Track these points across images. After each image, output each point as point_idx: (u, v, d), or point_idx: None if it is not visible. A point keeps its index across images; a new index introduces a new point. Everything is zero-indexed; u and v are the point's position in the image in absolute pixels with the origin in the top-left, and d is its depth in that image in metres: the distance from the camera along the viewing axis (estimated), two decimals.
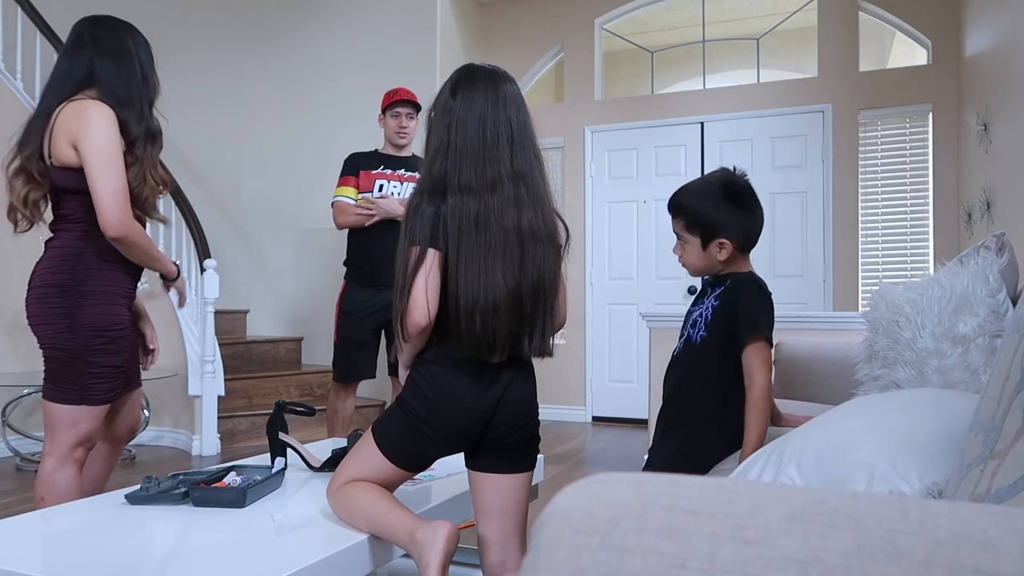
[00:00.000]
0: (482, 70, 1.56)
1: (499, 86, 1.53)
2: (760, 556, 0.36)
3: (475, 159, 1.46)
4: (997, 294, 1.60)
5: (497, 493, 1.54)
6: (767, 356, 1.63)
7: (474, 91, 1.51)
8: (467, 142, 1.47)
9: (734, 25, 5.72)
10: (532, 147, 1.53)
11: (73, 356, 1.89)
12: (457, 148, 1.47)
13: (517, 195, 1.47)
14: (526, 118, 1.54)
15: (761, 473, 1.07)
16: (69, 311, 1.90)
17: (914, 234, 4.93)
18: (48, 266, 1.94)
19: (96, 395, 1.91)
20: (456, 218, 1.44)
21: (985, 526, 0.36)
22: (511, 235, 1.45)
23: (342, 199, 3.35)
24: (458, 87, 1.52)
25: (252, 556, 1.26)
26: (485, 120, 1.48)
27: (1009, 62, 3.70)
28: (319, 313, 5.23)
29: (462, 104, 1.50)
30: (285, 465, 1.82)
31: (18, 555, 1.26)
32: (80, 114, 1.84)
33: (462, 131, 1.48)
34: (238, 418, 4.43)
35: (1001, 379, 0.66)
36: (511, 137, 1.50)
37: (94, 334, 1.90)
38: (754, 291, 1.72)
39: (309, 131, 5.39)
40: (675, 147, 5.49)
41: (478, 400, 1.47)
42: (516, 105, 1.53)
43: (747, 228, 1.77)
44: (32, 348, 4.36)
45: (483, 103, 1.50)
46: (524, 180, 1.49)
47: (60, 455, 1.88)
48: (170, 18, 5.72)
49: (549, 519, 0.41)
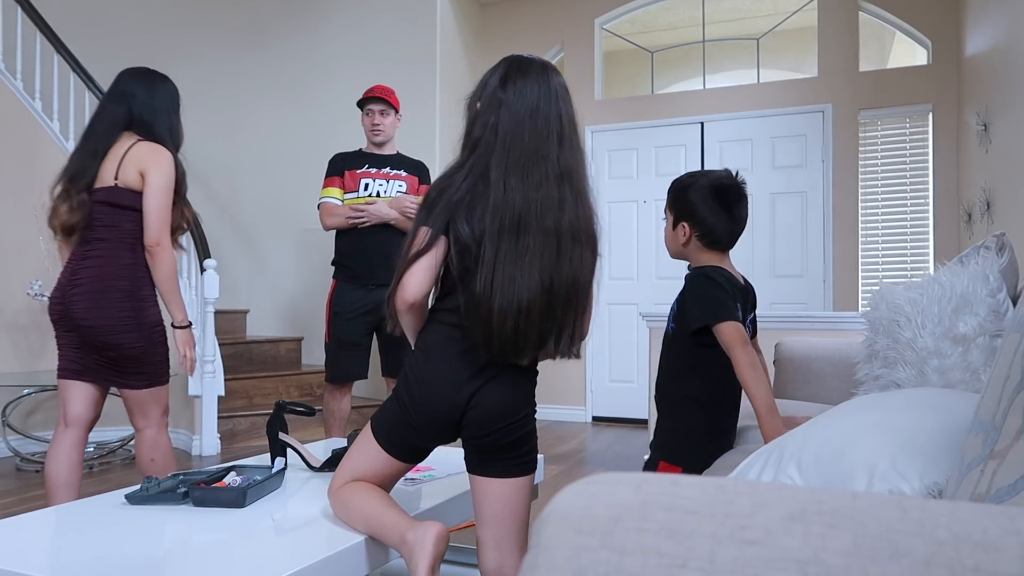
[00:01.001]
0: (533, 62, 1.52)
1: (550, 78, 1.50)
2: (760, 556, 0.36)
3: (523, 155, 1.42)
4: (997, 294, 1.60)
5: (492, 498, 1.52)
6: (733, 333, 1.68)
7: (526, 83, 1.47)
8: (517, 137, 1.43)
9: (734, 25, 5.72)
10: (578, 143, 1.50)
11: (146, 349, 2.28)
12: (506, 143, 1.43)
13: (561, 195, 1.43)
14: (573, 111, 1.50)
15: (761, 473, 1.07)
16: (137, 313, 2.26)
17: (914, 234, 4.93)
18: (107, 273, 2.25)
19: (165, 375, 2.37)
20: (497, 217, 1.39)
21: (985, 526, 0.36)
22: (550, 236, 1.41)
23: (328, 200, 3.34)
24: (508, 79, 1.48)
25: (252, 556, 1.26)
26: (536, 114, 1.45)
27: (1009, 62, 3.70)
28: (319, 313, 5.21)
29: (514, 97, 1.45)
30: (285, 465, 1.82)
31: (18, 555, 1.26)
32: (153, 153, 2.28)
33: (512, 125, 1.44)
34: (238, 418, 4.42)
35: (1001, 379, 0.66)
36: (560, 133, 1.46)
37: (155, 330, 2.31)
38: (700, 283, 1.80)
39: (309, 131, 5.39)
40: (675, 147, 5.49)
41: (452, 394, 1.45)
42: (565, 99, 1.50)
43: (714, 223, 1.83)
44: (32, 348, 4.36)
45: (535, 96, 1.46)
46: (569, 179, 1.45)
47: (157, 424, 2.36)
48: (171, 18, 5.72)
49: (549, 519, 0.41)
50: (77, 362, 2.28)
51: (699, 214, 1.82)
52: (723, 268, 1.84)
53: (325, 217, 3.34)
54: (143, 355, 2.27)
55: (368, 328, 3.28)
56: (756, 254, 5.25)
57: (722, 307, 1.73)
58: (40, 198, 4.36)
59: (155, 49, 5.70)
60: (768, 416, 1.62)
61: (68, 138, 4.55)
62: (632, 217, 5.57)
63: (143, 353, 2.26)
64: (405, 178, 3.37)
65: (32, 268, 4.29)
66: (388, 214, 3.24)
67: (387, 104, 3.33)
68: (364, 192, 3.31)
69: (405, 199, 3.29)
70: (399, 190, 3.34)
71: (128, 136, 2.30)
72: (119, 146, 2.27)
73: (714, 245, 1.84)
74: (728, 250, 1.88)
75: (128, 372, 2.27)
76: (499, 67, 1.52)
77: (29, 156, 4.40)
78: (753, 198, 5.23)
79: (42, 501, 3.15)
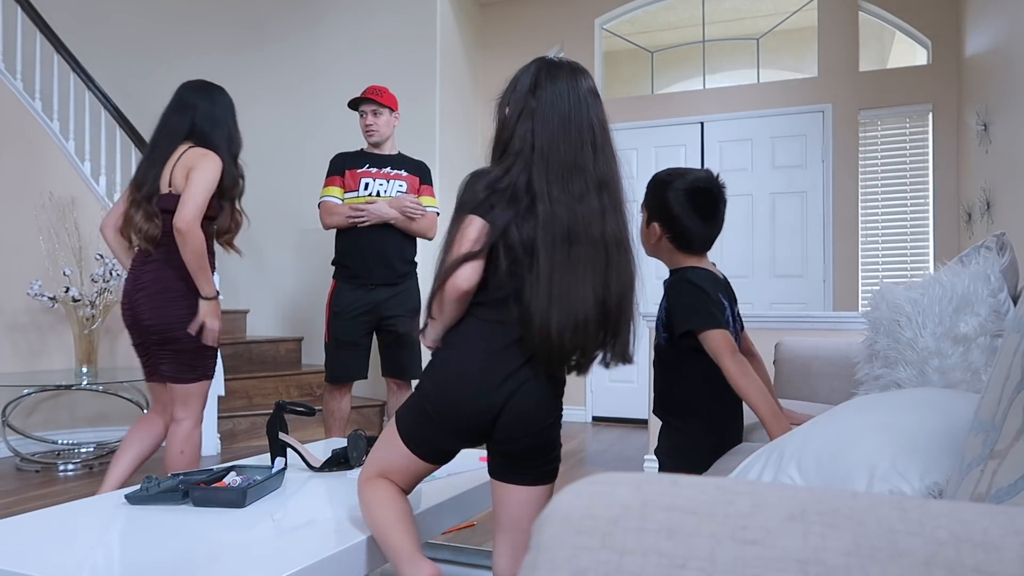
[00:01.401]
0: (562, 66, 1.48)
1: (579, 82, 1.47)
2: (760, 556, 0.36)
3: (562, 166, 1.40)
4: (998, 294, 1.60)
5: (514, 505, 1.49)
6: (720, 342, 1.67)
7: (555, 89, 1.44)
8: (553, 149, 1.41)
9: (734, 25, 5.72)
10: (612, 148, 1.48)
11: (201, 346, 2.46)
12: (544, 155, 1.41)
13: (602, 204, 1.42)
14: (604, 115, 1.49)
15: (761, 473, 1.07)
16: (194, 312, 2.43)
17: (914, 234, 4.93)
18: (165, 276, 2.43)
19: (212, 370, 2.54)
20: (549, 230, 1.38)
21: (985, 526, 0.36)
22: (599, 247, 1.40)
23: (329, 199, 3.34)
24: (539, 84, 1.45)
25: (252, 556, 1.26)
26: (569, 123, 1.42)
27: (1009, 62, 3.70)
28: (319, 313, 5.21)
29: (547, 105, 1.43)
30: (285, 465, 1.82)
31: (18, 555, 1.26)
32: (202, 156, 2.43)
33: (547, 136, 1.42)
34: (238, 418, 4.42)
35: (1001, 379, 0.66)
36: (594, 140, 1.44)
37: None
38: (685, 290, 1.77)
39: (309, 131, 5.39)
40: (675, 147, 5.49)
41: (485, 397, 1.40)
42: (595, 103, 1.48)
43: (687, 227, 1.80)
44: (33, 348, 4.36)
45: (566, 104, 1.43)
46: (608, 187, 1.44)
47: (195, 418, 2.50)
48: (170, 18, 5.72)
49: (549, 519, 0.41)
50: (148, 365, 2.54)
51: (672, 216, 1.79)
52: (702, 268, 1.81)
53: (325, 216, 3.34)
54: (198, 351, 2.46)
55: (367, 328, 3.28)
56: (756, 254, 5.25)
57: (708, 314, 1.71)
58: (40, 198, 4.37)
59: (155, 49, 5.70)
60: (773, 420, 1.61)
61: (68, 138, 4.55)
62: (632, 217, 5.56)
63: (198, 349, 2.46)
64: (406, 178, 3.37)
65: (32, 268, 4.28)
66: (388, 214, 3.24)
67: (378, 104, 3.31)
68: (364, 191, 3.30)
69: (405, 199, 3.28)
70: (399, 190, 3.34)
71: (184, 145, 2.48)
72: (175, 155, 2.46)
73: (686, 249, 1.82)
74: (703, 252, 1.85)
75: (183, 366, 2.46)
76: (529, 69, 1.50)
77: (29, 156, 4.40)
78: (753, 198, 5.23)
79: (42, 501, 3.15)
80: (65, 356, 4.45)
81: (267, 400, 4.65)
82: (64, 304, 4.12)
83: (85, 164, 4.57)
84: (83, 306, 4.13)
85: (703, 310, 1.72)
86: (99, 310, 4.19)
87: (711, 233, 1.82)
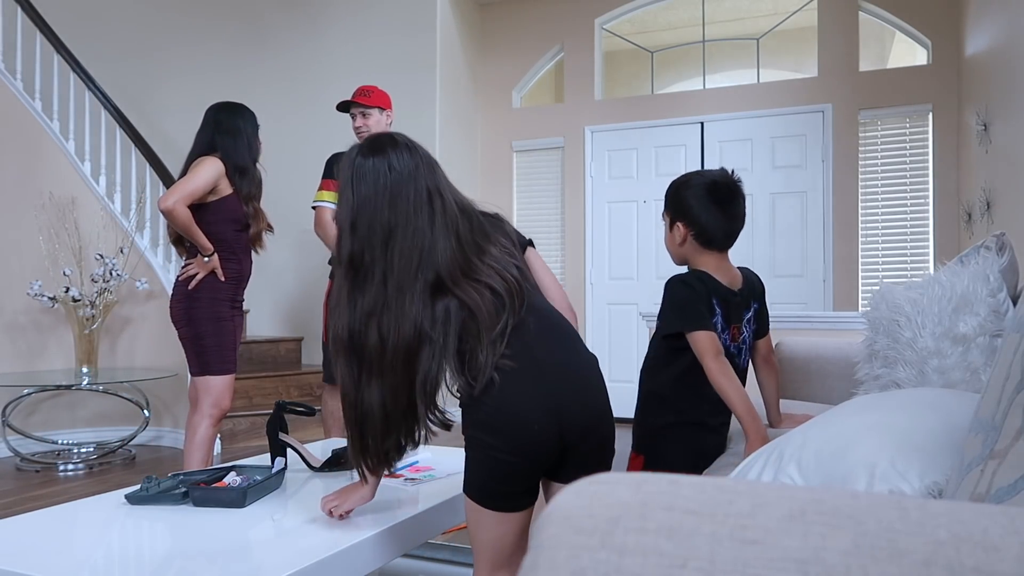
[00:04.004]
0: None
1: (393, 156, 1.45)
2: (760, 556, 0.36)
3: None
4: (997, 294, 1.60)
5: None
6: (705, 343, 1.71)
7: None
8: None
9: (734, 25, 5.72)
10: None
11: (194, 341, 2.70)
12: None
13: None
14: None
15: (761, 473, 1.07)
16: (188, 309, 2.69)
17: (914, 234, 4.93)
18: (179, 276, 2.74)
19: (214, 368, 2.72)
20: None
21: (985, 526, 0.36)
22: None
23: (323, 204, 3.35)
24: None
25: (252, 556, 1.26)
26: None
27: (1009, 62, 3.70)
28: (319, 313, 5.22)
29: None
30: (285, 465, 1.82)
31: (18, 555, 1.26)
32: (201, 161, 2.69)
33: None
34: (238, 418, 4.42)
35: (1001, 379, 0.66)
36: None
37: (204, 325, 2.70)
38: (678, 290, 1.81)
39: (309, 132, 5.39)
40: (675, 147, 5.49)
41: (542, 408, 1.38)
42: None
43: (708, 221, 1.82)
44: (32, 348, 4.36)
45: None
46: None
47: (200, 412, 2.72)
48: (171, 19, 5.72)
49: (549, 519, 0.41)
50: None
51: (693, 212, 1.82)
52: (707, 273, 1.82)
53: (317, 225, 3.35)
54: (192, 345, 2.69)
55: None
56: (756, 254, 5.25)
57: (696, 315, 1.74)
58: (40, 198, 4.37)
59: (155, 50, 5.70)
60: (749, 420, 1.64)
61: (68, 138, 4.55)
62: (632, 217, 5.57)
63: (191, 343, 2.69)
64: None
65: (32, 268, 4.28)
66: None
67: (365, 106, 3.29)
68: None
69: None
70: None
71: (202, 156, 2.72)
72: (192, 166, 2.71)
73: (710, 244, 1.83)
74: (725, 250, 1.86)
75: (189, 358, 2.73)
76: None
77: (29, 156, 4.40)
78: (753, 198, 5.23)
79: (42, 501, 3.15)
80: (65, 356, 4.45)
81: (267, 400, 4.65)
82: (64, 304, 4.12)
83: (85, 164, 4.57)
84: (83, 306, 4.13)
85: (691, 311, 1.75)
86: (99, 310, 4.19)
87: (732, 227, 1.83)
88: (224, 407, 2.77)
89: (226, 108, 2.84)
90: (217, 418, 2.76)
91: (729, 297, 1.84)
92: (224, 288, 2.74)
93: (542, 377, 1.35)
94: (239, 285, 2.83)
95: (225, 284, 2.74)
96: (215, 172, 2.67)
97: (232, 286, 2.78)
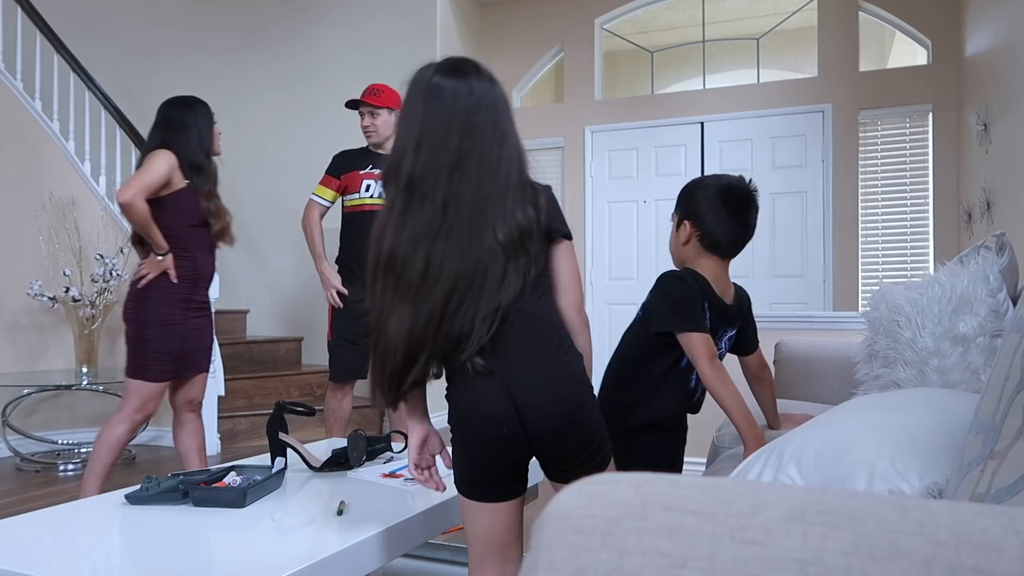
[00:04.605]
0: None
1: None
2: (760, 556, 0.36)
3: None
4: (997, 294, 1.60)
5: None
6: (700, 345, 1.68)
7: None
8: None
9: (734, 25, 5.72)
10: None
11: (135, 342, 2.67)
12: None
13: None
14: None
15: (761, 473, 1.07)
16: (137, 308, 2.65)
17: (914, 234, 4.93)
18: (135, 273, 2.69)
19: (144, 373, 2.64)
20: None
21: (985, 526, 0.36)
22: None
23: (317, 199, 3.37)
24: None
25: (252, 556, 1.26)
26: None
27: (1009, 62, 3.70)
28: (319, 313, 5.22)
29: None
30: (285, 465, 1.82)
31: (18, 555, 1.26)
32: (151, 156, 2.62)
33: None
34: (238, 418, 4.42)
35: (1001, 379, 0.66)
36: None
37: (149, 327, 2.63)
38: (673, 285, 1.77)
39: (309, 130, 5.38)
40: (675, 147, 5.49)
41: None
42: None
43: (715, 223, 1.77)
44: (32, 348, 4.36)
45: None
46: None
47: (120, 413, 2.65)
48: (170, 18, 5.72)
49: (549, 519, 0.41)
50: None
51: (702, 213, 1.77)
52: (702, 276, 1.78)
53: (306, 217, 3.38)
54: (131, 345, 2.64)
55: (369, 329, 3.28)
56: (756, 254, 5.25)
57: (693, 315, 1.71)
58: (40, 198, 4.37)
59: (155, 49, 5.70)
60: (746, 427, 1.63)
61: (68, 138, 4.55)
62: (632, 217, 5.57)
63: (131, 343, 2.64)
64: None
65: (32, 268, 4.28)
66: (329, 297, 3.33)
67: (374, 106, 3.29)
68: (366, 193, 3.30)
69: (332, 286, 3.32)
70: None
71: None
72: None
73: (713, 248, 1.78)
74: (728, 258, 1.81)
75: (128, 357, 2.67)
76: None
77: (29, 156, 4.40)
78: None
79: (42, 501, 3.15)
80: (65, 356, 4.45)
81: (267, 400, 4.65)
82: (64, 304, 4.12)
83: (85, 164, 4.57)
84: (83, 306, 4.13)
85: (688, 310, 1.72)
86: (99, 310, 4.19)
87: (740, 235, 1.78)
88: (149, 413, 2.69)
89: (175, 103, 2.74)
90: (139, 423, 2.69)
91: (721, 308, 1.80)
92: (178, 289, 2.64)
93: (511, 381, 1.31)
94: (195, 284, 2.71)
95: (179, 285, 2.64)
96: (169, 163, 2.59)
97: (187, 286, 2.67)
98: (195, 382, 2.82)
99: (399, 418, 3.39)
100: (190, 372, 2.77)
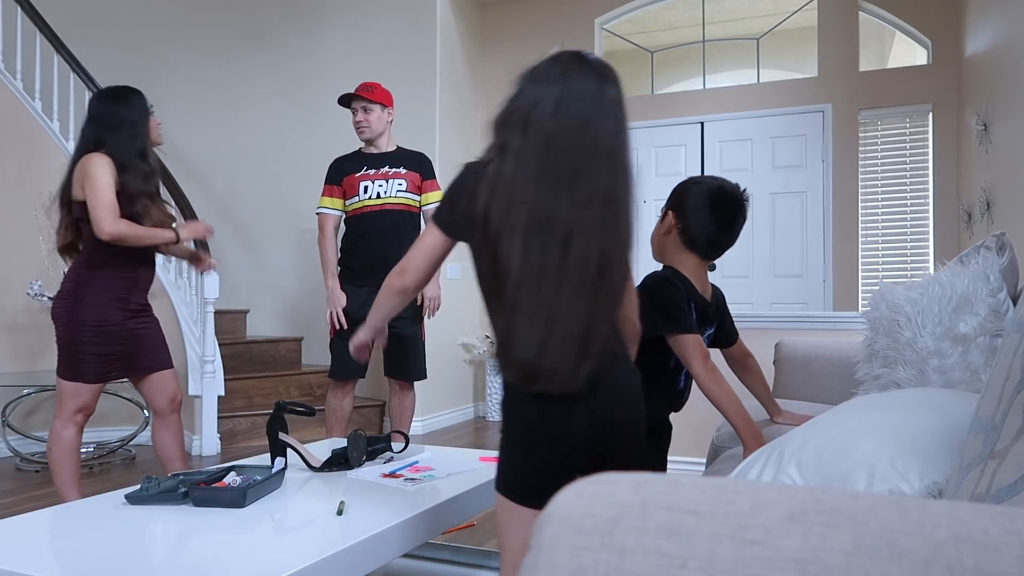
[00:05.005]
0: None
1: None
2: (760, 556, 0.36)
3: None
4: (997, 294, 1.60)
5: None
6: (693, 348, 1.68)
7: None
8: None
9: (734, 25, 5.72)
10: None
11: (68, 343, 2.52)
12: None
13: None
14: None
15: (761, 473, 1.07)
16: (70, 310, 2.51)
17: (914, 234, 4.94)
18: (67, 276, 2.57)
19: (75, 373, 2.52)
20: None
21: (985, 526, 0.36)
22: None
23: (326, 211, 3.36)
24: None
25: (252, 556, 1.26)
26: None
27: (1009, 62, 3.70)
28: (319, 313, 5.21)
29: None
30: (285, 465, 1.82)
31: (18, 555, 1.26)
32: (86, 163, 2.48)
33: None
34: (238, 418, 4.42)
35: (1001, 379, 0.66)
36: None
37: (83, 329, 2.50)
38: (661, 288, 1.77)
39: (309, 131, 5.38)
40: (675, 147, 5.49)
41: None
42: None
43: (696, 221, 1.78)
44: (32, 348, 4.36)
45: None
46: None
47: (61, 416, 2.53)
48: (171, 19, 5.72)
49: (549, 519, 0.41)
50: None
51: (686, 207, 1.79)
52: (686, 277, 1.78)
53: (321, 231, 3.37)
54: (65, 347, 2.53)
55: None
56: (756, 254, 5.25)
57: (683, 317, 1.71)
58: (40, 198, 4.36)
59: (155, 49, 5.70)
60: (744, 427, 1.63)
61: (68, 138, 4.55)
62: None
63: (64, 344, 2.53)
64: (405, 175, 3.33)
65: (32, 268, 4.28)
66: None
67: (368, 100, 3.28)
68: (364, 195, 3.29)
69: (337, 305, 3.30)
70: (399, 189, 3.32)
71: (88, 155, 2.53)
72: (78, 165, 2.53)
73: (690, 245, 1.79)
74: (706, 259, 1.82)
75: (60, 358, 2.55)
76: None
77: (29, 156, 4.40)
78: (753, 198, 5.18)
79: (42, 501, 3.15)
80: None
81: (267, 400, 4.65)
82: None
83: None
84: None
85: (677, 312, 1.72)
86: None
87: (721, 239, 1.78)
88: (89, 413, 2.59)
89: (108, 97, 2.59)
90: (82, 424, 2.58)
91: (703, 307, 1.81)
92: (113, 288, 2.54)
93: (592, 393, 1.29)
94: (134, 286, 2.60)
95: (115, 284, 2.54)
96: (109, 170, 2.46)
97: (125, 286, 2.57)
98: (162, 379, 2.68)
99: (399, 418, 3.41)
100: (142, 372, 2.64)
